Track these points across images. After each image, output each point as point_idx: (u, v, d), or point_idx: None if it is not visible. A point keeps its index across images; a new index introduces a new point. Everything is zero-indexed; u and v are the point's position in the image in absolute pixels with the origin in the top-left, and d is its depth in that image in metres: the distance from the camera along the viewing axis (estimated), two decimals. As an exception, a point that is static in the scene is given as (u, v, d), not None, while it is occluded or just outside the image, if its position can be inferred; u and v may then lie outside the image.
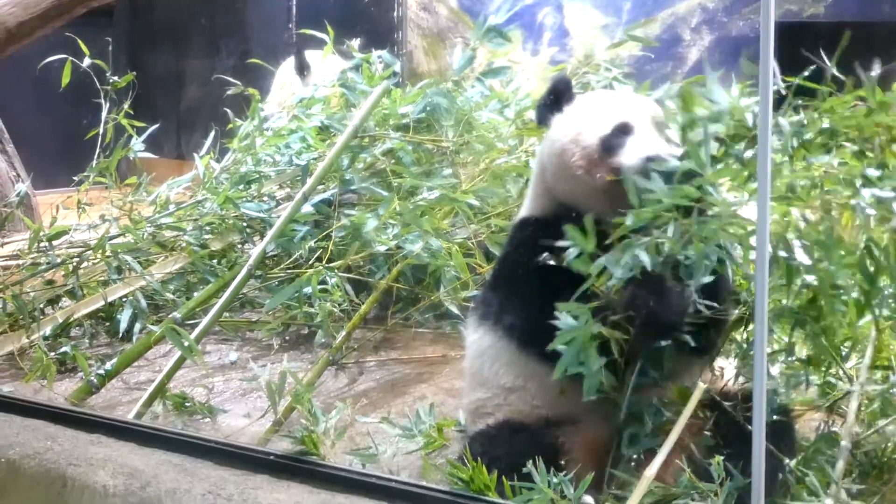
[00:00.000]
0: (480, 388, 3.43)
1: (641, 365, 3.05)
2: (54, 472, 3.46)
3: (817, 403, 3.32)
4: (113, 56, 6.36)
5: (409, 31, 9.43)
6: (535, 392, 3.31)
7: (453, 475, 3.14)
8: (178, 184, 5.90)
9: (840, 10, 8.04)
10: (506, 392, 3.37)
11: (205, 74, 10.29)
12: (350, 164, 5.22)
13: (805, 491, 2.95)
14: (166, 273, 5.25)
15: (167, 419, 4.14)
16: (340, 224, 5.01)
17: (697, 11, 8.35)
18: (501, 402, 3.37)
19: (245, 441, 3.77)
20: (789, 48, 2.96)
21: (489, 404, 3.40)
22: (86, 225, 5.71)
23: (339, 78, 5.66)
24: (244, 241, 5.43)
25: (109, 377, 4.43)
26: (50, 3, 7.00)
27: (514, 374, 3.35)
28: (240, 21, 10.52)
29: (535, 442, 3.16)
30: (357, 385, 4.60)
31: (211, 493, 3.20)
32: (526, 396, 3.33)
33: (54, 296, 5.28)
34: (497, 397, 3.39)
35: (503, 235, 4.59)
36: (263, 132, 5.71)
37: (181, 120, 10.56)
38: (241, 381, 4.59)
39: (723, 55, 8.02)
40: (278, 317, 5.06)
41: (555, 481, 2.89)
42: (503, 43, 5.38)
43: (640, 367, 3.06)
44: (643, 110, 3.34)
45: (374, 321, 5.07)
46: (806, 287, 2.93)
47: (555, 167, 3.39)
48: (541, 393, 3.29)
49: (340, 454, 3.46)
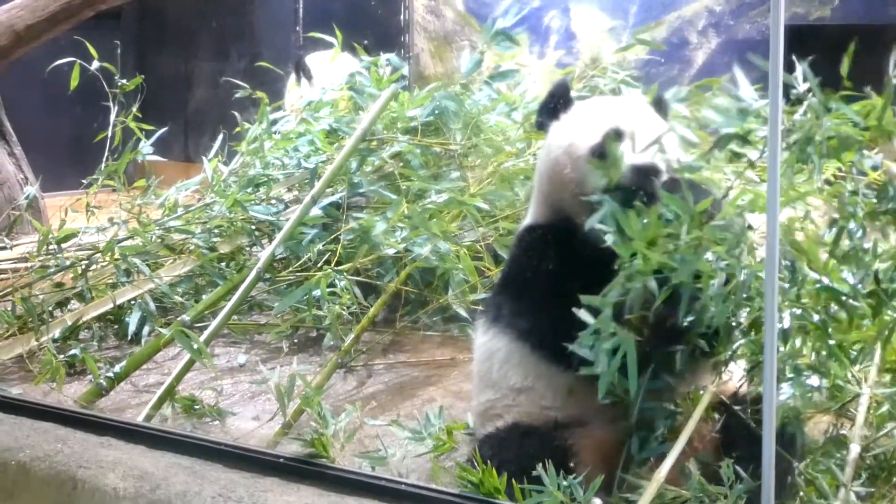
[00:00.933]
0: (489, 389, 3.43)
1: (654, 368, 3.05)
2: (65, 475, 3.47)
3: (826, 406, 3.31)
4: (121, 59, 6.37)
5: (416, 35, 9.43)
6: (544, 393, 3.31)
7: (463, 478, 3.14)
8: (187, 187, 5.91)
9: (847, 13, 8.03)
10: (515, 393, 3.36)
11: (212, 77, 10.30)
12: (358, 167, 5.23)
13: (815, 494, 2.95)
14: (175, 276, 5.27)
15: (176, 422, 4.15)
16: (349, 227, 5.02)
17: (704, 14, 8.34)
18: (510, 402, 3.37)
19: (254, 444, 3.78)
20: (796, 51, 2.96)
21: (498, 405, 3.40)
22: (94, 228, 5.71)
23: (348, 81, 5.67)
24: (252, 244, 5.44)
25: (119, 380, 4.44)
26: (58, 7, 7.01)
27: (522, 375, 3.34)
28: (247, 24, 10.52)
29: (544, 444, 3.16)
30: (365, 388, 4.60)
31: (221, 496, 3.21)
32: (535, 397, 3.32)
33: (63, 298, 5.31)
34: (506, 398, 3.38)
35: (511, 238, 4.59)
36: (272, 135, 5.72)
37: (188, 123, 10.56)
38: (249, 383, 4.59)
39: (730, 58, 8.02)
40: (287, 320, 5.08)
41: (564, 484, 2.89)
42: (511, 46, 5.39)
43: (653, 369, 3.05)
44: (638, 116, 3.33)
45: (382, 324, 5.09)
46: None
47: (550, 177, 3.38)
48: (549, 394, 3.29)
49: (350, 457, 3.47)
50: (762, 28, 7.99)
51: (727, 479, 2.87)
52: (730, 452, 2.97)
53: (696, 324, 2.92)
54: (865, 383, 3.17)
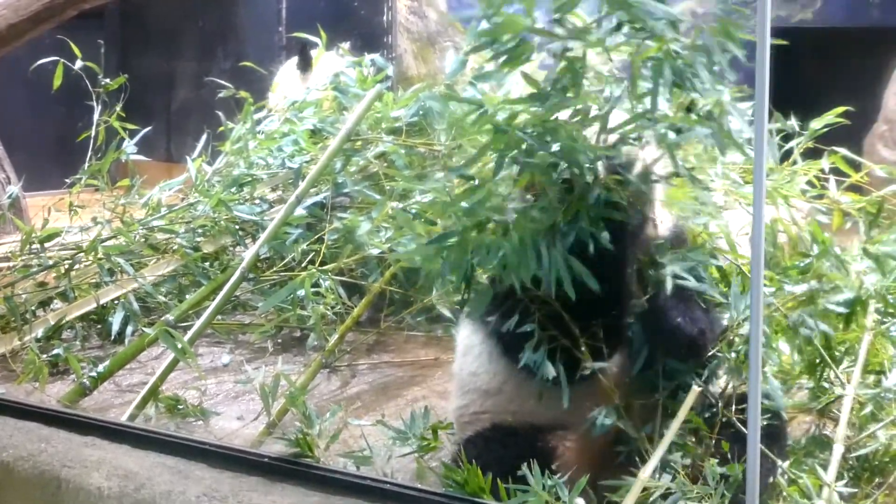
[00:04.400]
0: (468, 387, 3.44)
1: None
2: (49, 474, 3.47)
3: (809, 407, 3.34)
4: (104, 58, 6.36)
5: (399, 36, 9.44)
6: (513, 397, 3.32)
7: (448, 477, 3.14)
8: (170, 186, 5.90)
9: (828, 15, 8.07)
10: (485, 396, 3.38)
11: (195, 77, 10.29)
12: (343, 167, 5.22)
13: (798, 493, 2.97)
14: (158, 275, 5.25)
15: (160, 421, 4.13)
16: (333, 227, 5.02)
17: (687, 16, 8.35)
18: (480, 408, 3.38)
19: (239, 444, 3.77)
20: (778, 53, 2.98)
21: (470, 409, 3.41)
22: (78, 227, 5.70)
23: (332, 81, 5.66)
24: (236, 244, 5.42)
25: (102, 379, 4.43)
26: (41, 6, 6.98)
27: (492, 375, 3.35)
28: (230, 24, 10.51)
29: (525, 446, 3.16)
30: (350, 388, 4.60)
31: (206, 496, 3.21)
32: (503, 401, 3.34)
33: (46, 298, 5.28)
34: (477, 402, 3.40)
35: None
36: (256, 135, 5.71)
37: (171, 122, 10.54)
38: (234, 383, 4.58)
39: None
40: (271, 320, 5.07)
41: (549, 484, 2.89)
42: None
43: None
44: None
45: (366, 324, 5.08)
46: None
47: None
48: (518, 398, 3.30)
49: (334, 457, 3.47)
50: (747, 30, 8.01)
51: (712, 478, 2.87)
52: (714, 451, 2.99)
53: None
54: (849, 384, 3.20)
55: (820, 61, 7.39)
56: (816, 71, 7.08)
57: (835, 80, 7.41)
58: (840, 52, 7.86)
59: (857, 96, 5.04)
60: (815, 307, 3.14)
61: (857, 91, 6.99)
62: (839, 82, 7.34)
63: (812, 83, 3.04)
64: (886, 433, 3.20)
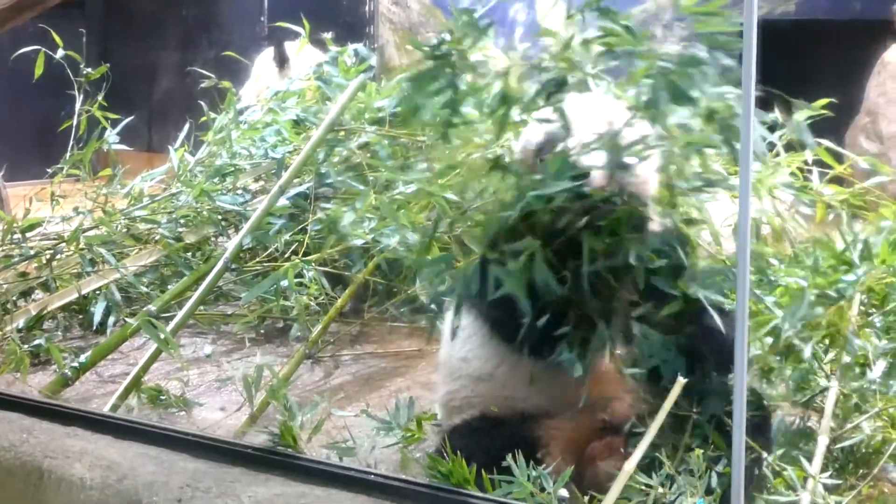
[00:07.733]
0: (458, 373, 3.44)
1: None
2: (31, 465, 3.44)
3: (794, 399, 3.34)
4: (86, 47, 6.32)
5: (381, 26, 9.42)
6: (506, 381, 3.31)
7: (433, 468, 3.14)
8: (152, 176, 5.88)
9: (811, 7, 8.10)
10: (475, 382, 3.38)
11: (177, 67, 10.26)
12: (326, 157, 5.20)
13: (783, 485, 2.97)
14: (141, 266, 5.24)
15: (142, 412, 4.12)
16: (317, 217, 5.01)
17: (669, 8, 8.36)
18: (471, 393, 3.38)
19: (221, 434, 3.76)
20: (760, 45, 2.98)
21: (459, 395, 3.41)
22: (59, 217, 5.67)
23: (315, 71, 5.65)
24: (219, 234, 5.41)
25: (84, 370, 4.40)
26: (23, -6, 6.94)
27: (484, 360, 3.35)
28: (212, 13, 10.49)
29: (514, 435, 3.16)
30: (333, 379, 4.60)
31: (189, 486, 3.19)
32: (497, 386, 3.33)
33: (27, 288, 5.26)
34: (468, 387, 3.39)
35: (480, 230, 4.58)
36: (239, 125, 5.70)
37: (152, 112, 10.51)
38: (216, 375, 4.58)
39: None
40: (254, 310, 5.05)
41: (534, 475, 2.89)
42: (478, 38, 5.37)
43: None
44: (600, 114, 3.29)
45: (350, 315, 5.09)
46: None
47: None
48: (511, 382, 3.30)
49: (317, 448, 3.46)
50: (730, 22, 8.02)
51: (697, 469, 2.87)
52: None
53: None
54: (833, 376, 3.20)
55: (802, 54, 7.41)
56: (798, 63, 7.11)
57: (817, 72, 7.44)
58: (822, 44, 7.89)
59: (839, 88, 5.05)
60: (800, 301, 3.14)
61: (840, 83, 7.02)
62: (821, 74, 7.37)
63: (794, 75, 3.04)
64: (871, 425, 3.20)
